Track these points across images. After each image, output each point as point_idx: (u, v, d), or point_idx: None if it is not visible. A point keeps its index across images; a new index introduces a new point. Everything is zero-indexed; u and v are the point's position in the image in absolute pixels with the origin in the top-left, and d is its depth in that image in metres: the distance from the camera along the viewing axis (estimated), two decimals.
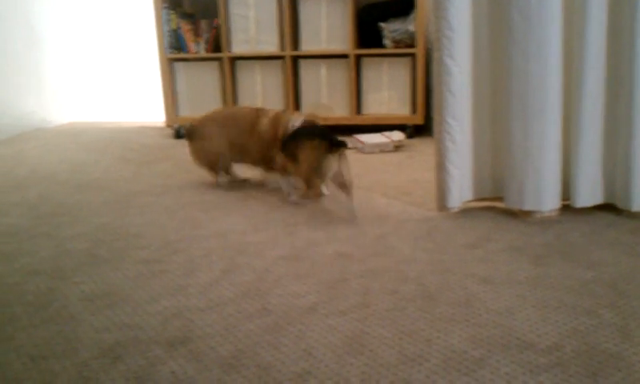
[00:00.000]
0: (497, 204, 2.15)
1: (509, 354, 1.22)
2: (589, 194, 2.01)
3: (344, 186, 2.12)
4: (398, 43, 3.46)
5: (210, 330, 1.37)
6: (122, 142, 3.69)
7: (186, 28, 3.71)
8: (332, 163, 2.11)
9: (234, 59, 3.73)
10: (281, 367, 1.21)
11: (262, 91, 3.70)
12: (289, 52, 3.58)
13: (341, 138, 2.11)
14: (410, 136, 3.52)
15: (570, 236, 1.86)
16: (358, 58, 3.57)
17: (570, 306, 1.42)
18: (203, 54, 3.73)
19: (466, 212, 2.11)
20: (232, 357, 1.25)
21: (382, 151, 3.19)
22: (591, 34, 1.87)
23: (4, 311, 1.50)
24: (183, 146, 3.51)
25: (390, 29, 3.45)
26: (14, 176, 2.90)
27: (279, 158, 2.26)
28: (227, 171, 2.62)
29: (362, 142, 3.20)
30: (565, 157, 2.00)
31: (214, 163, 2.54)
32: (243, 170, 2.67)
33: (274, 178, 2.46)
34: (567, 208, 2.04)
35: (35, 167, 3.07)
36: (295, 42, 3.65)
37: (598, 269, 1.62)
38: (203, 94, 3.79)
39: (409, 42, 3.44)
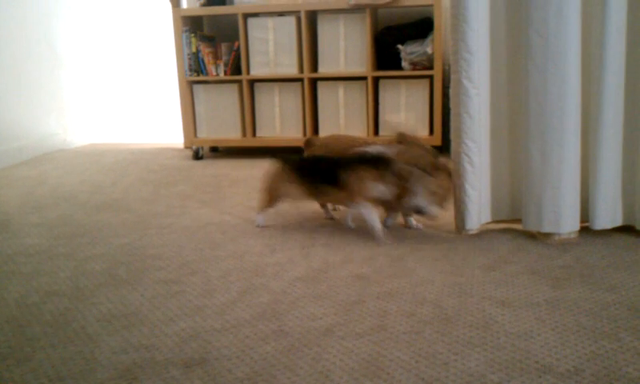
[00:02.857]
0: (515, 226, 2.14)
1: (527, 378, 1.21)
2: (608, 216, 1.99)
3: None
4: (415, 65, 3.47)
5: (227, 352, 1.37)
6: (142, 164, 3.73)
7: (206, 51, 3.75)
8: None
9: (253, 81, 3.76)
10: None
11: (280, 113, 3.72)
12: (307, 74, 3.61)
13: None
14: None
15: (589, 258, 1.84)
16: (376, 79, 3.58)
17: (589, 329, 1.41)
18: (222, 76, 3.77)
19: (483, 234, 2.10)
20: (248, 379, 1.25)
21: None
22: (610, 54, 1.86)
23: (23, 331, 1.52)
24: (202, 167, 3.55)
25: (408, 51, 3.46)
26: (35, 197, 2.94)
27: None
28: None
29: None
30: (583, 178, 1.98)
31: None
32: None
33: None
34: (586, 230, 2.02)
35: (56, 188, 3.11)
36: (314, 65, 3.68)
37: (617, 292, 1.60)
38: (222, 116, 3.82)
39: (426, 63, 3.45)
